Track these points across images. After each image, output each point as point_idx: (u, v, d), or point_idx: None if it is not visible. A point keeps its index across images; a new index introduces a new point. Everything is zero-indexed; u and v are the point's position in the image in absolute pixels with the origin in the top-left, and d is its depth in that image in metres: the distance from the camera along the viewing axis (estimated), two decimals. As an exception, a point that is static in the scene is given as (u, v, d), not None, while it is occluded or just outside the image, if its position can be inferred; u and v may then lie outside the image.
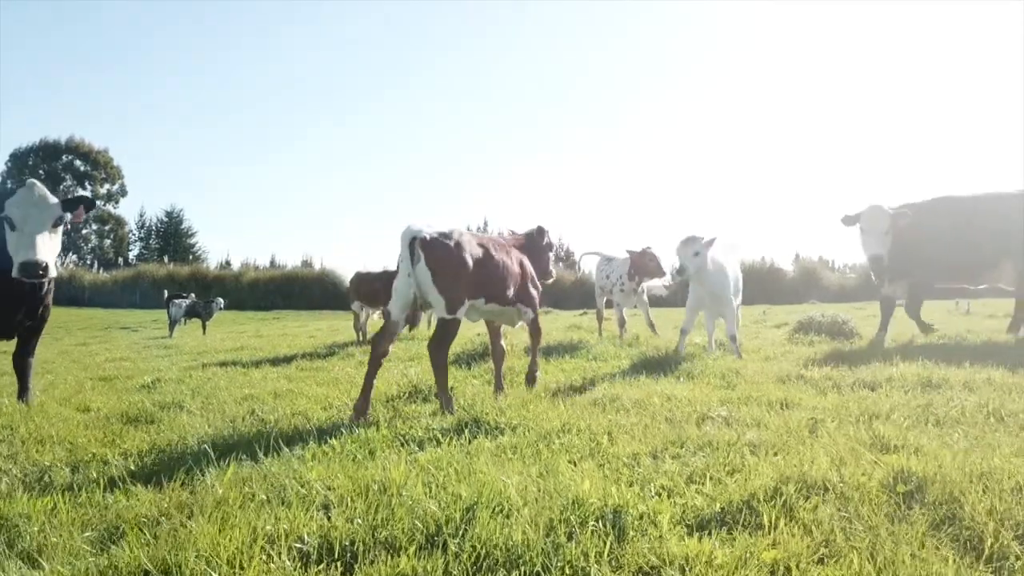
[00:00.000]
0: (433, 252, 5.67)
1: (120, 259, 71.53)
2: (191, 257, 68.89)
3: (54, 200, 5.94)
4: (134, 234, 78.56)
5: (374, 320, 14.59)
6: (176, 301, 21.99)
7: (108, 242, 77.15)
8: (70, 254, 73.67)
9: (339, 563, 2.63)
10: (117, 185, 78.57)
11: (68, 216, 6.07)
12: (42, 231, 5.72)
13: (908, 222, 9.54)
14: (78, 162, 76.62)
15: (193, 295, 23.38)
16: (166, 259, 63.10)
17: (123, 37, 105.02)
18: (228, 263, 65.39)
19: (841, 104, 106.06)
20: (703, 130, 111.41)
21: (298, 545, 2.74)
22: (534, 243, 7.02)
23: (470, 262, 5.78)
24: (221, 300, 22.85)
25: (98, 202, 76.07)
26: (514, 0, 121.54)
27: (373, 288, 13.25)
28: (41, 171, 74.37)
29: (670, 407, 5.29)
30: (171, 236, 76.60)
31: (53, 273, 5.91)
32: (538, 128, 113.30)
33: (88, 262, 71.97)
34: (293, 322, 30.23)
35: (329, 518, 2.97)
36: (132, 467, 4.07)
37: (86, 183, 76.42)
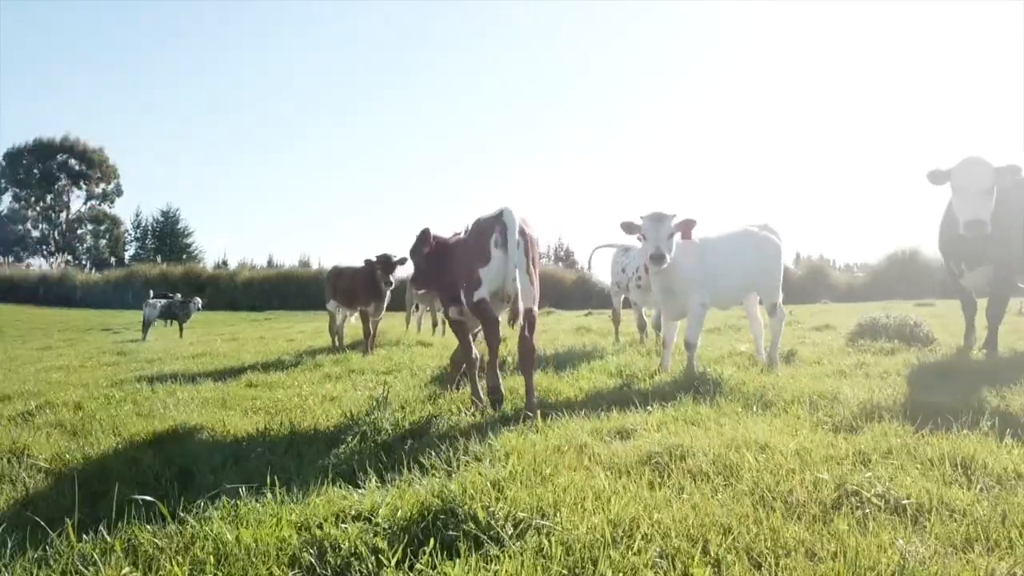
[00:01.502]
0: (532, 239, 5.45)
1: (115, 259, 69.90)
2: (185, 257, 67.06)
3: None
4: (130, 234, 76.77)
5: (351, 323, 12.55)
6: (150, 302, 20.43)
7: (103, 242, 75.39)
8: (64, 254, 72.14)
9: None
10: (113, 185, 76.74)
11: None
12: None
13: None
14: (73, 161, 74.75)
15: (178, 295, 21.67)
16: (159, 259, 61.36)
17: (119, 36, 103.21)
18: (225, 263, 63.70)
19: (837, 104, 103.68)
20: (701, 130, 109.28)
21: None
22: None
23: None
24: (199, 300, 21.14)
25: (92, 201, 74.91)
26: (514, 0, 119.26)
27: (352, 285, 11.17)
28: (36, 170, 72.77)
29: (777, 470, 3.22)
30: (167, 236, 74.84)
31: None
32: (538, 128, 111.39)
33: (83, 262, 70.35)
34: (281, 323, 28.30)
35: None
36: None
37: (81, 183, 74.72)
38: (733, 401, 5.21)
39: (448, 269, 5.91)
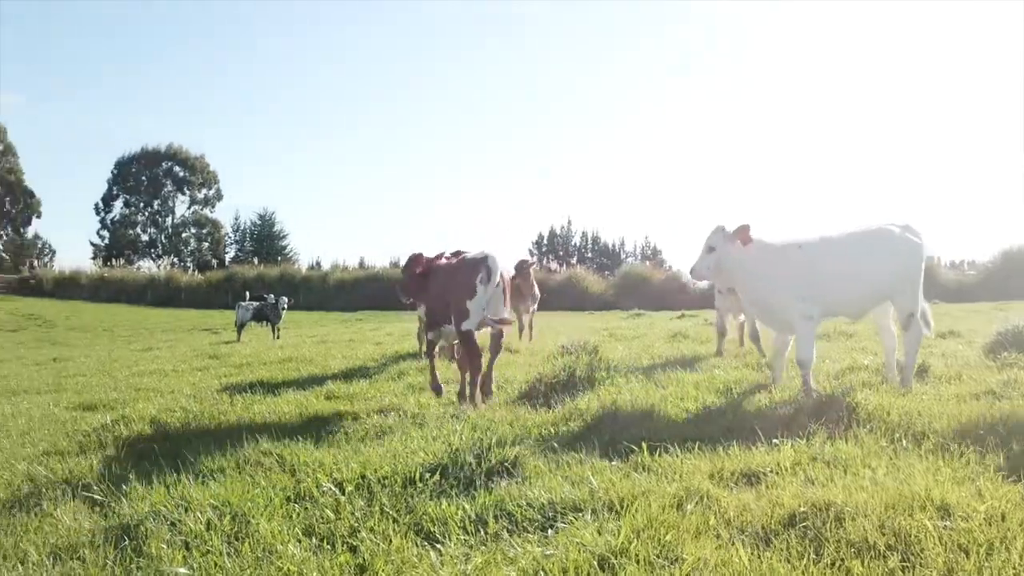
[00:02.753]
0: (505, 279, 6.83)
1: (216, 261, 72.75)
2: (280, 259, 69.09)
3: None
4: (229, 237, 79.80)
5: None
6: (244, 304, 20.81)
7: (206, 245, 78.68)
8: (170, 256, 75.78)
9: None
10: (213, 190, 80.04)
11: None
12: None
13: None
14: (177, 168, 78.49)
15: (271, 296, 21.98)
16: (256, 260, 63.39)
17: (220, 45, 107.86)
18: (318, 264, 65.01)
19: (939, 96, 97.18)
20: (800, 124, 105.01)
21: None
22: None
23: None
24: (285, 299, 21.32)
25: (195, 206, 78.37)
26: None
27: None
28: (144, 178, 76.71)
29: (970, 546, 2.48)
30: (264, 238, 77.43)
31: None
32: (627, 124, 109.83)
33: (187, 264, 73.65)
34: (370, 324, 28.40)
35: None
36: None
37: (185, 189, 78.26)
38: (875, 433, 4.40)
39: (435, 288, 6.95)
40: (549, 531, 2.87)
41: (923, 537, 2.58)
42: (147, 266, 71.16)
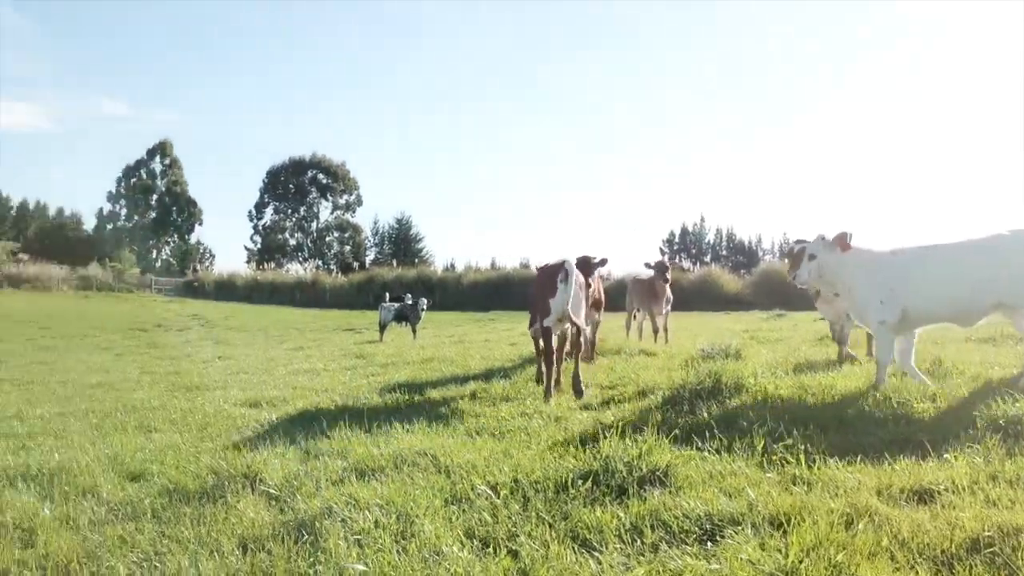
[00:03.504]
0: (581, 281, 7.80)
1: (357, 264, 76.38)
2: (417, 261, 71.54)
3: None
4: (369, 240, 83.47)
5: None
6: (385, 305, 21.62)
7: (347, 248, 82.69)
8: (315, 259, 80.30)
9: None
10: (354, 196, 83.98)
11: None
12: None
13: None
14: (321, 176, 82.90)
15: (408, 296, 22.79)
16: (395, 263, 66.01)
17: (354, 49, 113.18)
18: (452, 266, 66.85)
19: None
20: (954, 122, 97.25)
21: None
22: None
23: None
24: (424, 300, 22.00)
25: (337, 212, 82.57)
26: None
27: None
28: (291, 185, 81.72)
29: None
30: (401, 241, 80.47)
31: None
32: (754, 119, 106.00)
33: (330, 267, 77.81)
34: (504, 324, 28.82)
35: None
36: None
37: (328, 195, 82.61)
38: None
39: (536, 287, 8.13)
40: (708, 544, 2.83)
41: None
42: (295, 269, 75.69)
